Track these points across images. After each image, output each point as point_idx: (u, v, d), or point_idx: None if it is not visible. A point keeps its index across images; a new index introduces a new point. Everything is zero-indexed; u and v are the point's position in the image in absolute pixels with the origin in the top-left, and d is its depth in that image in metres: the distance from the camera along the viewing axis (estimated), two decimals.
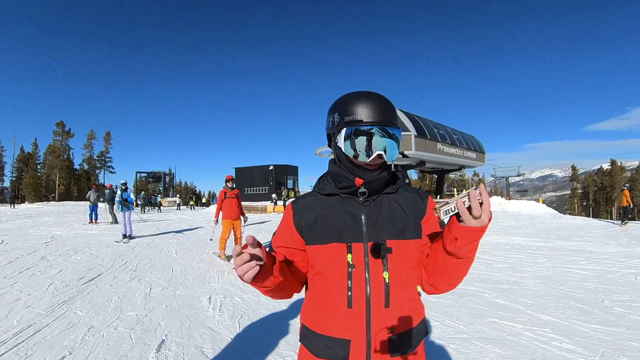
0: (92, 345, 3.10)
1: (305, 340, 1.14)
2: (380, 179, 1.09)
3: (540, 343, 3.12)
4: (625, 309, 3.95)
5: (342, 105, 1.08)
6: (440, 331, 3.41)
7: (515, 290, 4.76)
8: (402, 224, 1.09)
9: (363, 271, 1.04)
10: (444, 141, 21.82)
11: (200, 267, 6.42)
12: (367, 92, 1.09)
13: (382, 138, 1.03)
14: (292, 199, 2.56)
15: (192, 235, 11.33)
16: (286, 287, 1.07)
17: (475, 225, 0.91)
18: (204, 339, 3.28)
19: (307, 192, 1.37)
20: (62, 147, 48.76)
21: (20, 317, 3.73)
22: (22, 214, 19.18)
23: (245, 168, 36.82)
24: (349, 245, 1.06)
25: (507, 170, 29.44)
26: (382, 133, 1.03)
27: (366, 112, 1.04)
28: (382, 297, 1.03)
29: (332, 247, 1.07)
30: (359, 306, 1.03)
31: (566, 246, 8.18)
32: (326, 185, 1.15)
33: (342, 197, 1.12)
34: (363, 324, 1.03)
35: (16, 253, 7.32)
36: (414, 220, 1.11)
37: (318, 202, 1.15)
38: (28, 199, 41.67)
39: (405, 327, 1.06)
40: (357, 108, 1.05)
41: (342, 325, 1.05)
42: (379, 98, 1.07)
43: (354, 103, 1.06)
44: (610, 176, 59.28)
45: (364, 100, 1.06)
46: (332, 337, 1.06)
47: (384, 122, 1.03)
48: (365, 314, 1.03)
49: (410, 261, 1.09)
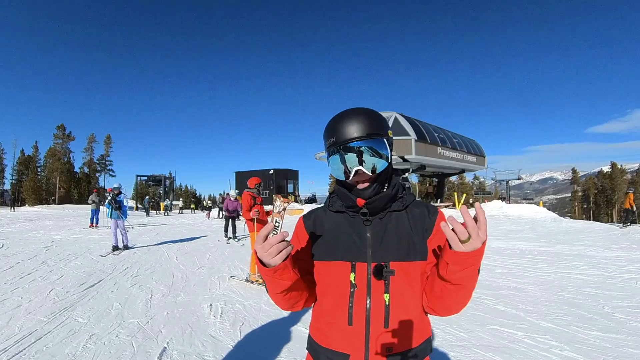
0: (94, 353, 3.10)
1: (310, 350, 1.17)
2: (381, 198, 1.08)
3: (540, 350, 3.12)
4: (626, 315, 3.96)
5: (324, 132, 1.11)
6: (440, 338, 3.41)
7: (515, 296, 4.76)
8: (407, 244, 1.07)
9: (364, 291, 1.05)
10: (444, 145, 21.86)
11: (201, 272, 6.42)
12: (343, 112, 1.10)
13: (352, 154, 1.03)
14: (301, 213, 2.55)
15: (192, 240, 11.33)
16: (299, 287, 1.09)
17: (465, 251, 0.85)
18: (206, 347, 3.29)
19: (318, 205, 1.39)
20: (63, 150, 48.80)
21: (21, 324, 3.74)
22: (23, 218, 19.18)
23: (245, 172, 36.81)
24: (353, 264, 1.06)
25: (508, 174, 29.42)
26: (352, 149, 1.03)
27: (337, 133, 1.05)
28: (381, 318, 1.04)
29: (337, 265, 1.08)
30: (359, 324, 1.04)
31: (567, 250, 8.18)
32: (335, 202, 1.16)
33: (349, 215, 1.13)
34: (362, 342, 1.04)
35: (17, 258, 7.33)
36: (420, 240, 1.09)
37: (328, 217, 1.17)
38: (28, 202, 41.67)
39: (405, 347, 1.06)
40: (331, 131, 1.07)
41: (342, 341, 1.07)
42: (350, 114, 1.06)
43: (329, 128, 1.09)
44: (610, 179, 59.24)
45: (336, 121, 1.07)
46: (333, 350, 1.08)
47: (347, 137, 1.03)
48: (365, 332, 1.04)
49: (413, 283, 1.07)
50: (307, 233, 1.17)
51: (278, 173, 35.37)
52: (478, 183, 58.74)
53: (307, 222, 1.19)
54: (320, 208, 1.23)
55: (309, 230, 1.17)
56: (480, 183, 58.67)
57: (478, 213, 0.84)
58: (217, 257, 8.12)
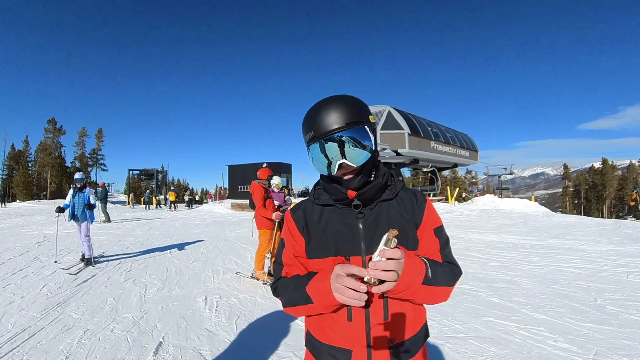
0: (88, 349, 3.07)
1: (310, 346, 1.16)
2: (372, 188, 1.06)
3: (535, 342, 3.16)
4: (618, 307, 4.01)
5: (302, 125, 1.05)
6: (436, 330, 3.43)
7: (509, 288, 4.81)
8: (400, 234, 1.07)
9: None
10: (437, 139, 21.94)
11: (195, 266, 6.39)
12: (320, 101, 1.04)
13: (334, 146, 0.98)
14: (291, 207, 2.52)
15: (185, 234, 11.27)
16: None
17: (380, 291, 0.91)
18: (202, 341, 3.27)
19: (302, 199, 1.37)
20: (54, 144, 48.05)
21: (14, 321, 3.69)
22: (14, 213, 18.92)
23: (238, 166, 36.65)
24: (347, 258, 1.04)
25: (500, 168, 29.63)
26: (333, 140, 0.98)
27: (315, 125, 0.99)
28: (380, 311, 1.04)
29: (332, 261, 1.05)
30: (359, 319, 1.04)
31: (559, 244, 8.27)
32: (321, 195, 1.12)
33: (338, 208, 1.09)
34: (363, 336, 1.04)
35: (8, 254, 7.24)
36: (412, 229, 1.09)
37: (315, 211, 1.13)
38: (19, 197, 41.07)
39: (404, 337, 1.07)
40: (309, 124, 1.02)
41: (343, 337, 1.06)
42: (327, 104, 1.01)
43: (307, 120, 1.03)
44: (601, 175, 59.88)
45: (313, 113, 1.02)
46: (334, 346, 1.07)
47: (327, 130, 0.98)
48: (365, 326, 1.04)
49: None
50: (299, 230, 1.13)
51: (271, 166, 35.18)
52: (470, 177, 59.04)
53: (296, 219, 1.15)
54: (307, 201, 1.17)
55: (300, 226, 1.13)
56: (472, 177, 58.97)
57: (387, 254, 0.88)
58: (210, 250, 8.09)
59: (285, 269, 1.14)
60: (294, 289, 1.05)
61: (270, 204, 5.35)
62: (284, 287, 1.10)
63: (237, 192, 31.88)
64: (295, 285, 1.06)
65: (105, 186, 16.61)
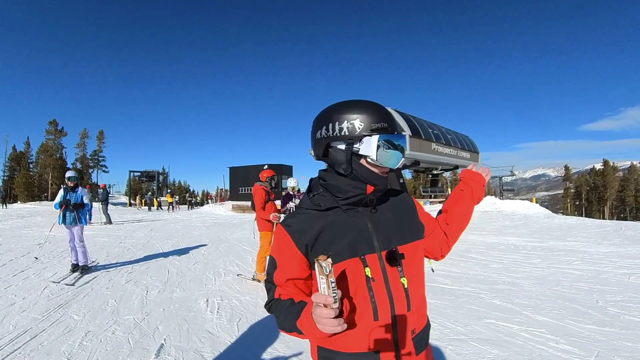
0: (90, 351, 3.08)
1: None
2: (390, 181, 1.11)
3: (536, 344, 3.16)
4: (619, 309, 4.01)
5: (364, 112, 1.04)
6: (438, 332, 3.43)
7: (510, 290, 4.80)
8: (406, 226, 1.12)
9: (382, 282, 1.03)
10: (438, 141, 21.91)
11: (196, 268, 6.40)
12: (374, 102, 1.09)
13: (402, 143, 1.06)
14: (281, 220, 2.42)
15: (186, 235, 11.28)
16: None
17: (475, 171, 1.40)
18: (203, 343, 3.28)
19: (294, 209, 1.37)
20: (55, 146, 48.14)
21: (15, 322, 3.69)
22: (15, 214, 18.92)
23: (239, 167, 36.65)
24: (362, 258, 1.02)
25: (501, 170, 29.59)
26: (400, 139, 1.07)
27: (390, 121, 1.05)
28: (404, 303, 1.04)
29: (347, 264, 1.02)
30: (385, 316, 1.02)
31: (560, 246, 8.25)
32: (322, 200, 1.08)
33: (342, 210, 1.07)
34: (390, 333, 1.02)
35: (10, 255, 7.25)
36: (414, 219, 1.17)
37: (314, 219, 1.07)
38: (20, 198, 41.12)
39: (423, 324, 1.11)
40: (383, 117, 1.04)
41: (370, 339, 1.02)
42: (381, 105, 1.10)
43: (378, 112, 1.05)
44: (602, 176, 59.82)
45: (381, 109, 1.07)
46: (360, 353, 1.02)
47: (395, 128, 1.06)
48: (392, 322, 1.02)
49: (419, 260, 1.14)
50: (297, 242, 1.05)
51: (272, 168, 35.17)
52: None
53: (294, 236, 1.06)
54: (300, 214, 1.11)
55: (297, 237, 1.06)
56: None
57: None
58: (211, 252, 8.09)
59: (278, 290, 1.09)
60: (286, 318, 1.01)
61: (271, 206, 5.32)
62: (277, 311, 1.06)
63: (238, 193, 31.90)
64: (287, 314, 1.01)
65: (107, 188, 16.64)
